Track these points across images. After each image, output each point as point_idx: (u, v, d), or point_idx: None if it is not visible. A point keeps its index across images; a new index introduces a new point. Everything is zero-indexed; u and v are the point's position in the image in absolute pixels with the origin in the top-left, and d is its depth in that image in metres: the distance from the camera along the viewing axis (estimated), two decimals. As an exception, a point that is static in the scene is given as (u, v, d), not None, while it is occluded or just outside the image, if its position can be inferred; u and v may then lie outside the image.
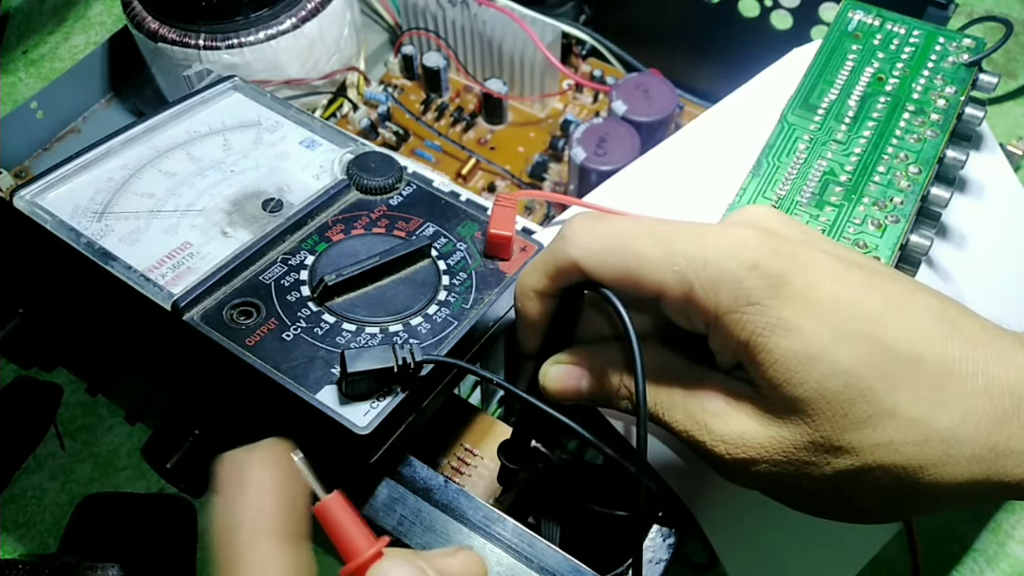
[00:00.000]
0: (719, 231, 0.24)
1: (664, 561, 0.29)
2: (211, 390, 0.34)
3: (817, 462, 0.24)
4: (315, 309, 0.30)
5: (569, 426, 0.26)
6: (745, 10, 0.53)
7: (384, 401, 0.27)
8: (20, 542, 0.48)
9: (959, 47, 0.38)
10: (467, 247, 0.33)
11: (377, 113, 0.57)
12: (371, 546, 0.21)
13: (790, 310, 0.23)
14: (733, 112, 0.40)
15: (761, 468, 0.24)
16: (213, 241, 0.32)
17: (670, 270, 0.24)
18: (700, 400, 0.25)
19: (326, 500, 0.22)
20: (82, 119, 0.55)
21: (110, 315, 0.36)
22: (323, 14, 0.50)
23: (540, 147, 0.57)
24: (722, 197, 0.34)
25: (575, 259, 0.25)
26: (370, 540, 0.21)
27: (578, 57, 0.60)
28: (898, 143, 0.35)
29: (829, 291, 0.23)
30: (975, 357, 0.23)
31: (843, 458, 0.23)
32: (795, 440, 0.23)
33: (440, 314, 0.30)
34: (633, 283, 0.24)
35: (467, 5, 0.54)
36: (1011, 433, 0.23)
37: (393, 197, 0.34)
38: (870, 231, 0.33)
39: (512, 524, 0.29)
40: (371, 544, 0.21)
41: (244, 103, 0.39)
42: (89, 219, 0.32)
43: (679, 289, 0.24)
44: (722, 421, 0.24)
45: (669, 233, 0.24)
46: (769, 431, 0.24)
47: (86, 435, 0.51)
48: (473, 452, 0.34)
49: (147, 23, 0.49)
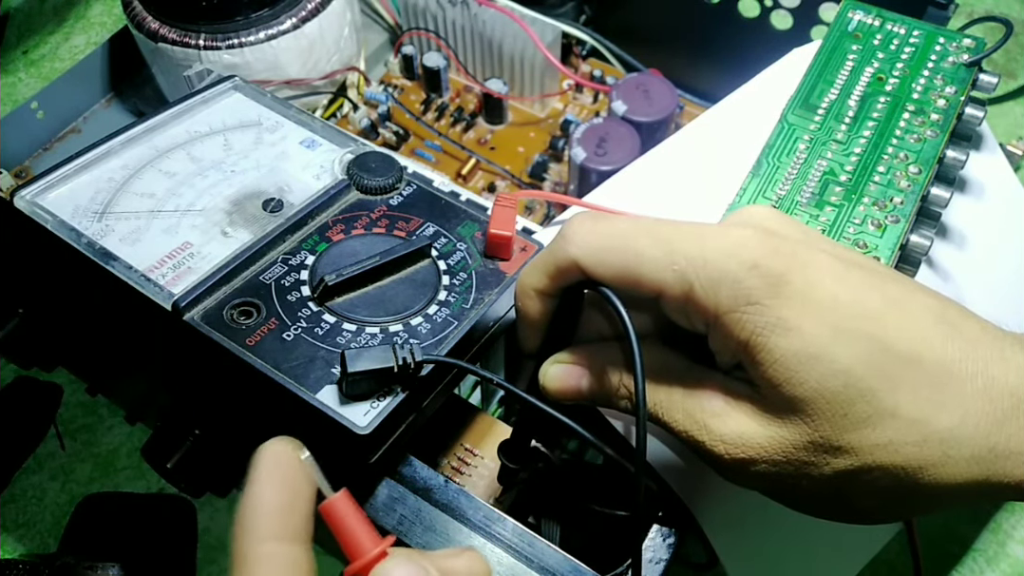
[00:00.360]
0: (719, 231, 0.24)
1: (664, 561, 0.29)
2: (211, 390, 0.34)
3: (816, 462, 0.24)
4: (315, 309, 0.30)
5: (569, 426, 0.26)
6: (745, 10, 0.53)
7: (384, 401, 0.27)
8: (20, 542, 0.48)
9: (959, 47, 0.38)
10: (467, 247, 0.33)
11: (377, 113, 0.57)
12: (376, 546, 0.21)
13: (790, 310, 0.23)
14: (733, 112, 0.40)
15: (760, 468, 0.24)
16: (213, 241, 0.32)
17: (670, 269, 0.24)
18: (700, 400, 0.25)
19: (332, 499, 0.22)
20: (82, 119, 0.55)
21: (110, 315, 0.36)
22: (323, 14, 0.50)
23: (540, 147, 0.57)
24: (722, 197, 0.34)
25: (575, 258, 0.25)
26: (375, 540, 0.21)
27: (578, 57, 0.60)
28: (898, 143, 0.35)
29: (829, 291, 0.23)
30: (975, 358, 0.23)
31: (842, 458, 0.23)
32: (794, 440, 0.23)
33: (440, 314, 0.30)
34: (633, 282, 0.24)
35: (467, 5, 0.54)
36: (1010, 434, 0.23)
37: (393, 197, 0.34)
38: (870, 231, 0.33)
39: (512, 524, 0.29)
40: (376, 544, 0.21)
41: (244, 103, 0.39)
42: (89, 219, 0.32)
43: (679, 289, 0.24)
44: (721, 421, 0.24)
45: (669, 233, 0.24)
46: (768, 431, 0.24)
47: (86, 435, 0.51)
48: (473, 452, 0.34)
49: (147, 23, 0.49)
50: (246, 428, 0.34)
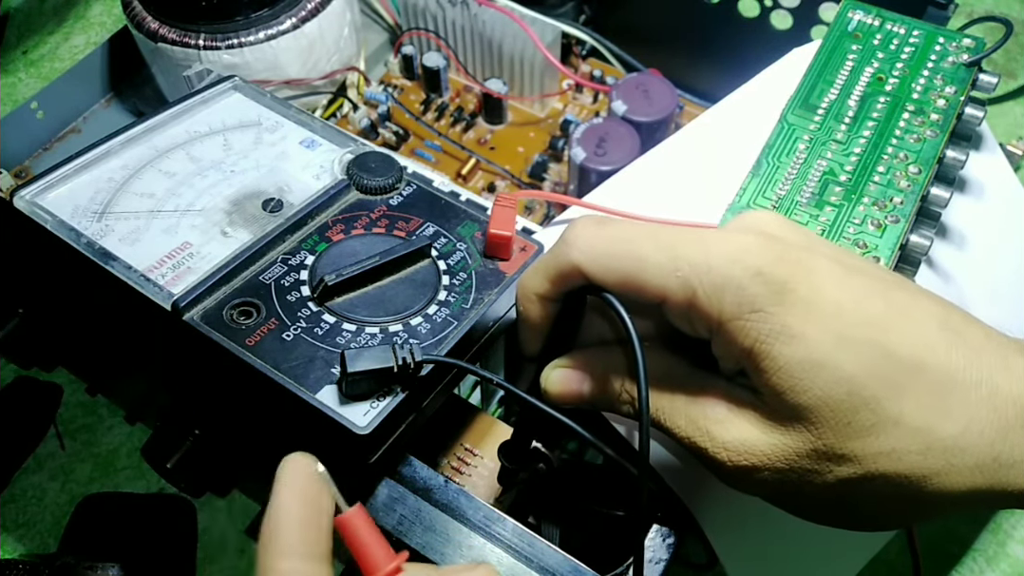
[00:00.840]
0: (722, 236, 0.24)
1: (664, 561, 0.29)
2: (211, 390, 0.34)
3: (820, 470, 0.23)
4: (315, 309, 0.30)
5: (570, 426, 0.26)
6: (745, 10, 0.53)
7: (384, 401, 0.27)
8: (20, 542, 0.48)
9: (959, 47, 0.38)
10: (467, 247, 0.33)
11: (377, 113, 0.57)
12: (390, 561, 0.21)
13: (794, 317, 0.23)
14: (733, 112, 0.40)
15: (763, 475, 0.24)
16: (213, 241, 0.32)
17: (673, 276, 0.23)
18: (702, 406, 0.25)
19: (348, 513, 0.22)
20: (82, 119, 0.55)
21: (110, 315, 0.36)
22: (323, 14, 0.50)
23: (540, 147, 0.57)
24: (722, 197, 0.34)
25: (577, 263, 0.25)
26: (389, 555, 0.22)
27: (578, 57, 0.60)
28: (898, 143, 0.35)
29: (832, 298, 0.23)
30: (979, 366, 0.23)
31: (846, 466, 0.23)
32: (798, 448, 0.23)
33: (440, 314, 0.30)
34: (636, 288, 0.24)
35: (467, 5, 0.54)
36: (1015, 443, 0.22)
37: (393, 197, 0.34)
38: (870, 231, 0.33)
39: (512, 524, 0.29)
40: (391, 559, 0.22)
41: (244, 103, 0.39)
42: (89, 219, 0.32)
43: (682, 295, 0.23)
44: (724, 428, 0.24)
45: (672, 238, 0.24)
46: (772, 438, 0.24)
47: (86, 435, 0.51)
48: (473, 452, 0.34)
49: (147, 23, 0.49)
50: (246, 428, 0.34)
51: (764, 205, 0.34)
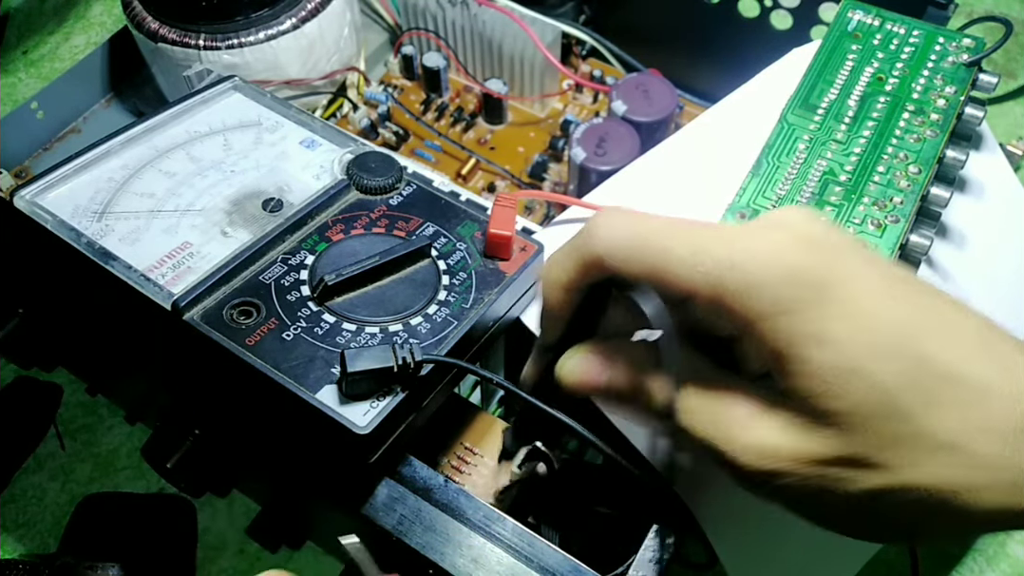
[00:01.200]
0: (751, 233, 0.23)
1: (664, 561, 0.29)
2: (211, 390, 0.34)
3: (847, 478, 0.23)
4: (315, 309, 0.30)
5: (569, 425, 0.26)
6: (745, 10, 0.53)
7: (384, 401, 0.27)
8: (20, 542, 0.48)
9: (959, 47, 0.38)
10: (467, 247, 0.33)
11: (377, 113, 0.57)
12: None
13: (828, 321, 0.22)
14: (733, 112, 0.40)
15: (785, 481, 0.23)
16: (213, 241, 0.32)
17: (695, 270, 0.23)
18: (726, 407, 0.24)
19: None
20: (82, 119, 0.55)
21: (110, 315, 0.36)
22: (323, 14, 0.50)
23: (540, 147, 0.57)
24: (722, 197, 0.34)
25: (600, 255, 0.24)
26: None
27: (578, 57, 0.60)
28: (898, 143, 0.35)
29: (870, 304, 0.22)
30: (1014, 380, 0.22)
31: (875, 475, 0.22)
32: (824, 454, 0.23)
33: (440, 314, 0.30)
34: (660, 282, 0.23)
35: (467, 5, 0.54)
36: None
37: (393, 197, 0.34)
38: (870, 231, 0.33)
39: (512, 524, 0.29)
40: None
41: (244, 103, 0.39)
42: (89, 219, 0.32)
43: (708, 291, 0.23)
44: (747, 430, 0.23)
45: (699, 233, 0.23)
46: (797, 443, 0.23)
47: (86, 435, 0.51)
48: (473, 451, 0.34)
49: (147, 23, 0.49)
50: (246, 428, 0.34)
51: (764, 205, 0.34)
